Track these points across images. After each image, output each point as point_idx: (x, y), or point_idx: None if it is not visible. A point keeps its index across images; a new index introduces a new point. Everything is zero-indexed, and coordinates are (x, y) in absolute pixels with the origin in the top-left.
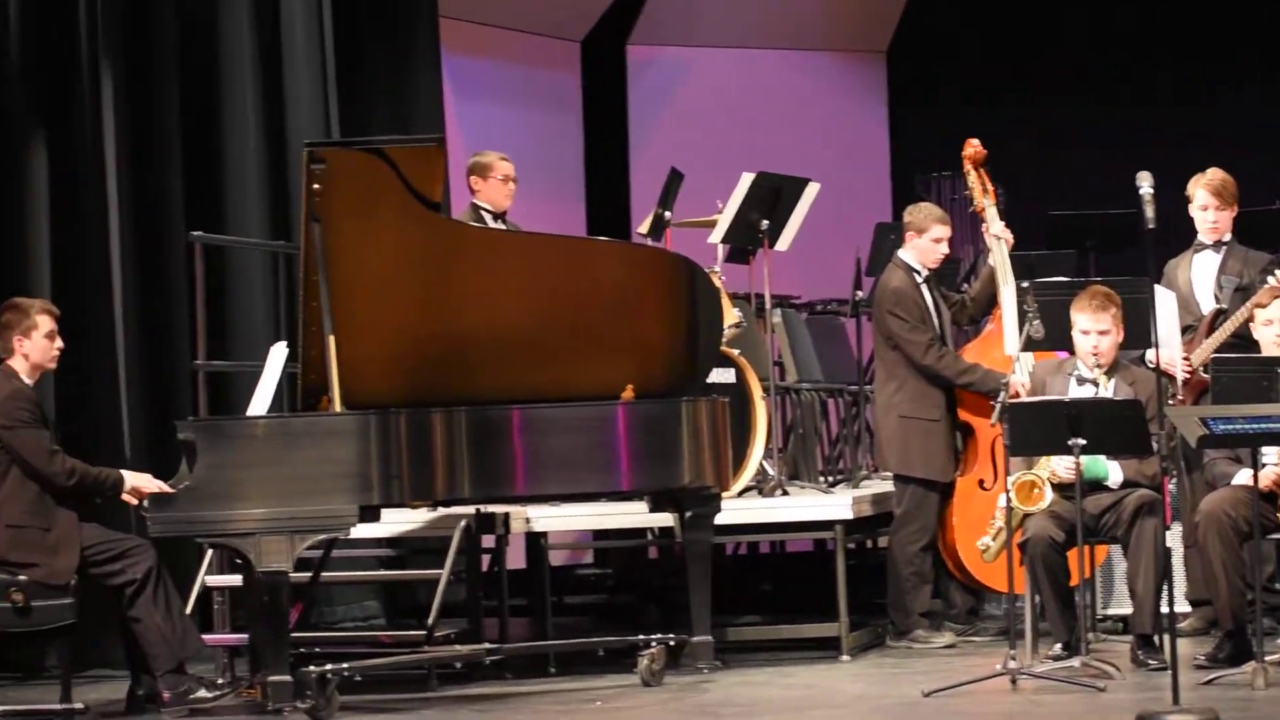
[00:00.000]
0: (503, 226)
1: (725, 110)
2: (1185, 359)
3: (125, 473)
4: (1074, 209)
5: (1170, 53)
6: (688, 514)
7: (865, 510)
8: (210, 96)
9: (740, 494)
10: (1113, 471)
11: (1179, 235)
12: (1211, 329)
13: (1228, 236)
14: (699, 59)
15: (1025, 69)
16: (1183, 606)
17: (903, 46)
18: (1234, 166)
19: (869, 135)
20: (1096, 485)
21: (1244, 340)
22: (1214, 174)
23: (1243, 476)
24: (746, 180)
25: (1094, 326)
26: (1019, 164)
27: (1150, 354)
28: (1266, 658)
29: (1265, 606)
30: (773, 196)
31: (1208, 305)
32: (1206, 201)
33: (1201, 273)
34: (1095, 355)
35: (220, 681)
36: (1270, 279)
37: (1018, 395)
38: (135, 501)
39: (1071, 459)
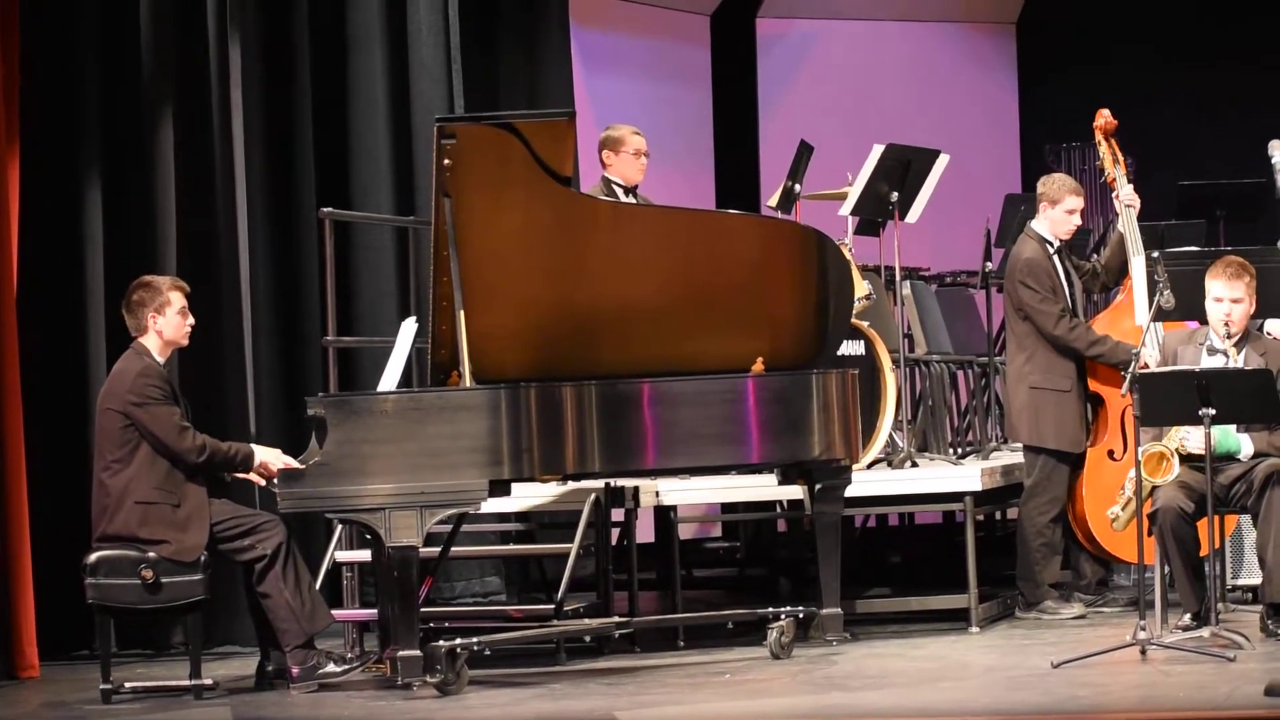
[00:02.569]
0: (633, 200)
1: (854, 82)
2: None
3: (255, 447)
4: (1204, 179)
5: None
6: (817, 486)
7: (994, 482)
8: (339, 71)
9: (869, 466)
10: (1244, 444)
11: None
12: None
13: None
14: (828, 31)
15: (1154, 39)
16: None
17: (1033, 17)
18: None
19: (999, 107)
20: (1228, 458)
21: None
22: None
23: None
24: (876, 152)
25: (1228, 294)
26: (1149, 134)
27: (1271, 324)
28: None
29: None
30: (902, 168)
31: None
32: None
33: None
34: (1228, 324)
35: (349, 656)
36: None
37: (1147, 366)
38: (263, 481)
39: (1201, 432)
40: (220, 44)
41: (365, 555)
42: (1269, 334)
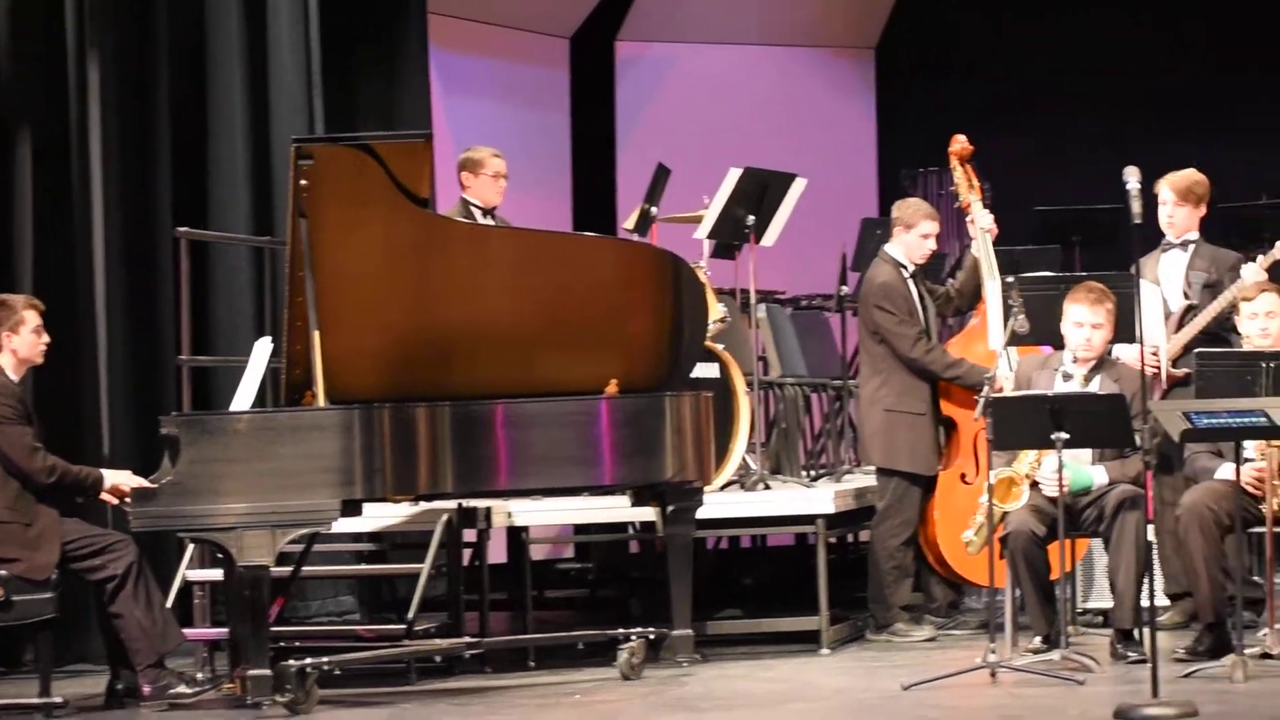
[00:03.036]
0: (491, 222)
1: (713, 106)
2: (1153, 354)
3: (105, 472)
4: (1061, 204)
5: (1161, 50)
6: (669, 508)
7: (847, 504)
8: (197, 91)
9: (722, 488)
10: (1097, 476)
11: (1156, 234)
12: (1180, 325)
13: (1194, 235)
14: (687, 55)
15: (1012, 65)
16: (1161, 600)
17: (891, 42)
18: (1225, 164)
19: (856, 131)
20: (1084, 493)
21: (1214, 336)
22: (1180, 173)
23: (1225, 471)
24: (733, 176)
25: (1090, 319)
26: (1006, 160)
27: (1118, 349)
28: (1246, 651)
29: (1245, 600)
30: (759, 192)
31: (1176, 302)
32: (1165, 198)
33: (1169, 270)
34: (1087, 349)
35: (200, 676)
36: (1245, 270)
37: (1001, 390)
38: (115, 501)
39: (1054, 472)
40: (79, 61)
41: (217, 574)
42: (1118, 359)
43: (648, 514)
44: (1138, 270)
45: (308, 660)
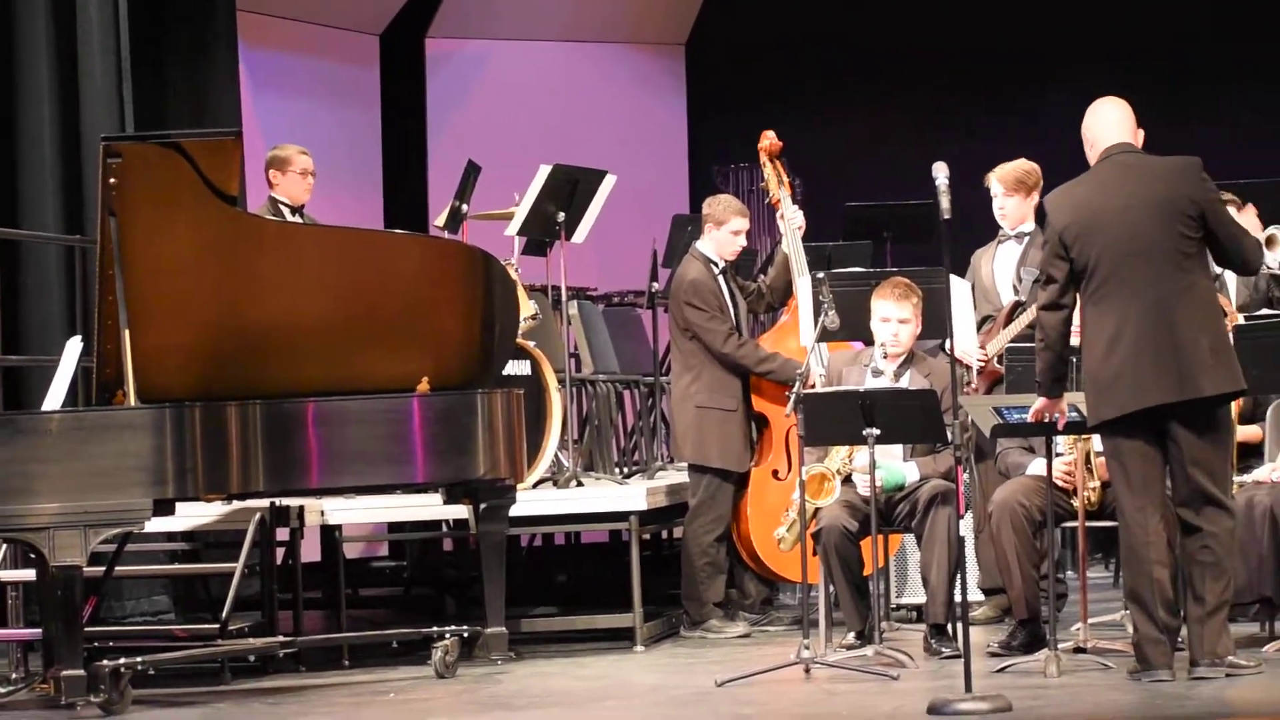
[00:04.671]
0: (300, 220)
1: (524, 103)
2: (981, 348)
3: None
4: (872, 200)
5: (972, 45)
6: (482, 506)
7: (660, 501)
8: (6, 89)
9: (535, 485)
10: (909, 473)
11: (981, 228)
12: (1009, 320)
13: (1029, 227)
14: (497, 52)
15: (823, 60)
16: (975, 595)
17: (701, 39)
18: (1038, 159)
19: (667, 128)
20: (898, 490)
21: None
22: (1010, 164)
23: (1036, 466)
24: (543, 173)
25: (896, 314)
26: (817, 156)
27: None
28: (1059, 646)
29: (1057, 595)
30: (569, 189)
31: (1008, 296)
32: (996, 190)
33: (1003, 264)
34: (894, 344)
35: (14, 677)
36: None
37: (813, 386)
38: None
39: (866, 467)
40: None
41: (29, 574)
42: (925, 356)
43: (461, 512)
44: (948, 266)
45: (122, 660)
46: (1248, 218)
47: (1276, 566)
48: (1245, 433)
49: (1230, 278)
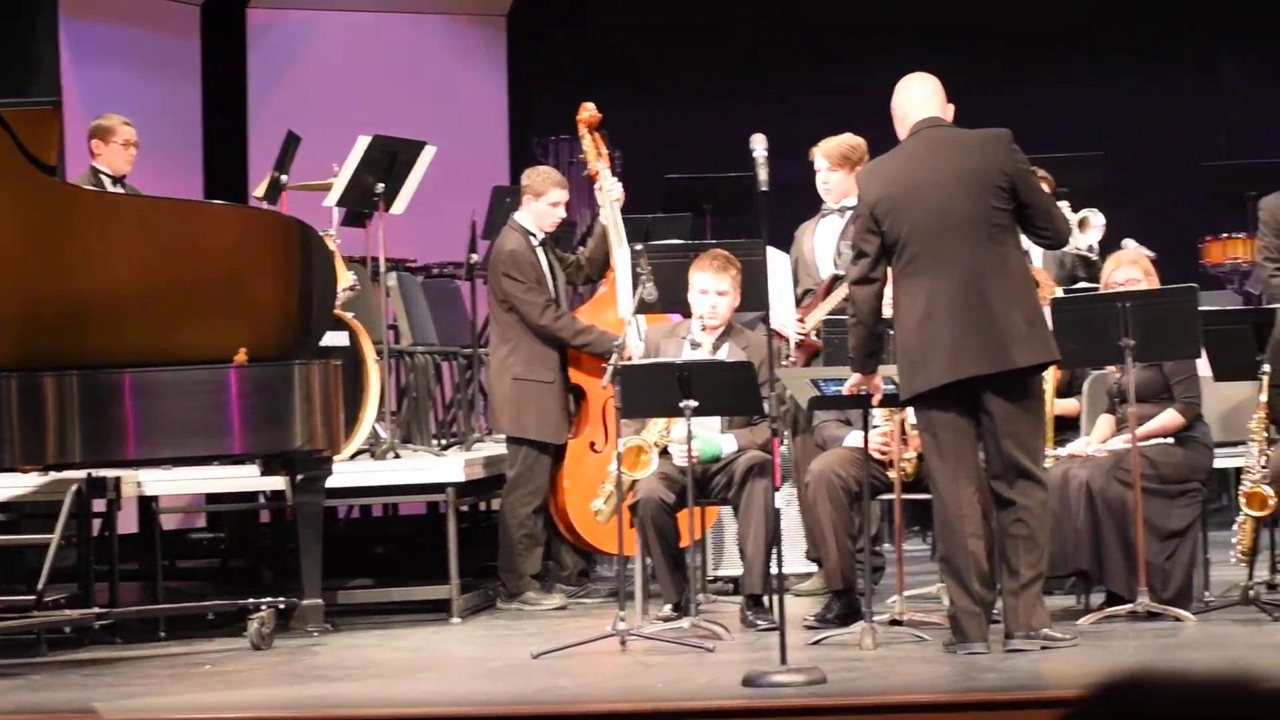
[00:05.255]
0: (120, 190)
1: (345, 74)
2: (800, 321)
3: None
4: (692, 173)
5: (793, 17)
6: (299, 477)
7: (477, 473)
8: None
9: (352, 457)
10: (726, 445)
11: (807, 201)
12: (828, 293)
13: (852, 201)
14: (319, 22)
15: (644, 33)
16: (799, 567)
17: (522, 10)
18: (862, 132)
19: (487, 99)
20: (715, 461)
21: None
22: (834, 139)
23: (853, 438)
24: (362, 143)
25: (714, 286)
26: (638, 128)
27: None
28: (875, 618)
29: (873, 567)
30: (388, 160)
31: (829, 270)
32: (820, 164)
33: (824, 238)
34: (712, 316)
35: None
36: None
37: (630, 358)
38: None
39: (683, 439)
40: None
41: None
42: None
43: (279, 483)
44: (765, 239)
45: None
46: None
47: (1092, 539)
48: (1062, 406)
49: (1036, 255)
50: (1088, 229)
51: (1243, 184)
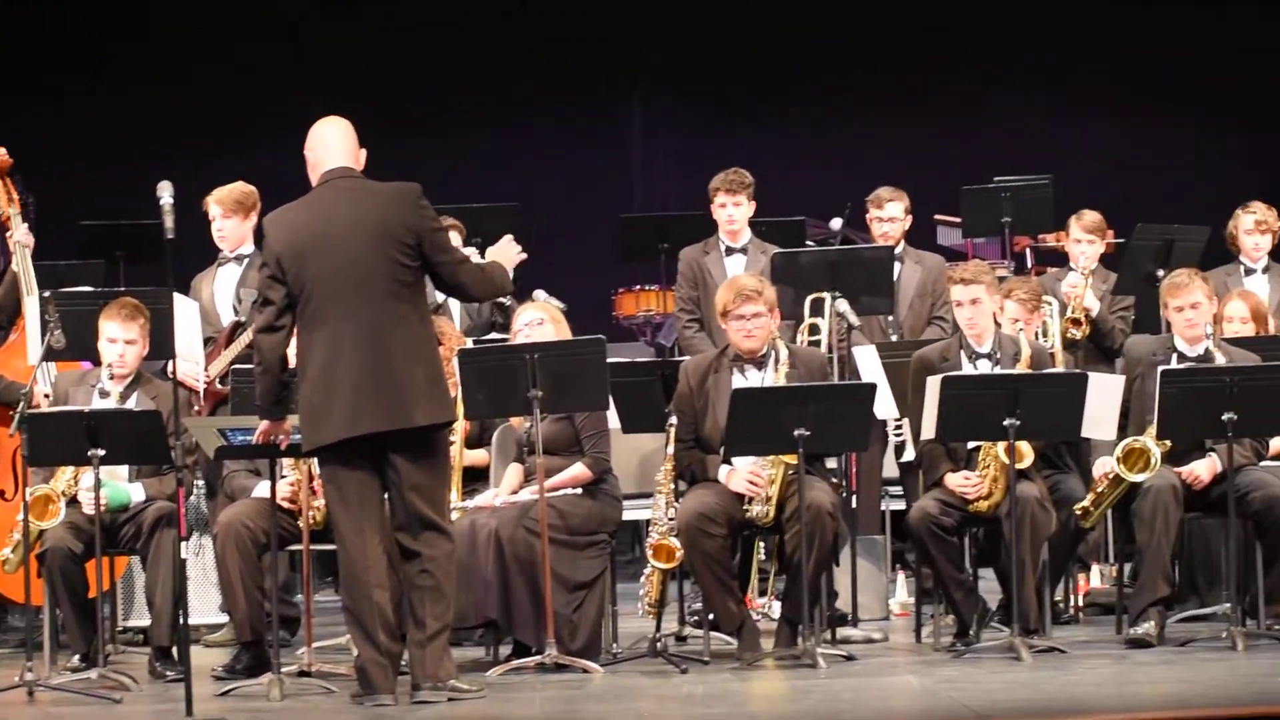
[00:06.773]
0: None
1: None
2: (206, 369)
3: None
4: (105, 219)
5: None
6: None
7: None
8: None
9: None
10: (135, 493)
11: (205, 248)
12: (230, 340)
13: (249, 249)
14: None
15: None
16: (212, 618)
17: None
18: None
19: None
20: (123, 509)
21: None
22: (228, 187)
23: (262, 489)
24: None
25: (122, 335)
26: (52, 174)
27: (170, 365)
28: (283, 669)
29: (281, 618)
30: None
31: (229, 317)
32: (214, 212)
33: (224, 285)
34: (120, 365)
35: None
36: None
37: (39, 405)
38: None
39: (91, 488)
40: None
41: None
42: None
43: None
44: (172, 286)
45: None
46: None
47: (501, 589)
48: (472, 456)
49: (454, 303)
50: None
51: (656, 235)
